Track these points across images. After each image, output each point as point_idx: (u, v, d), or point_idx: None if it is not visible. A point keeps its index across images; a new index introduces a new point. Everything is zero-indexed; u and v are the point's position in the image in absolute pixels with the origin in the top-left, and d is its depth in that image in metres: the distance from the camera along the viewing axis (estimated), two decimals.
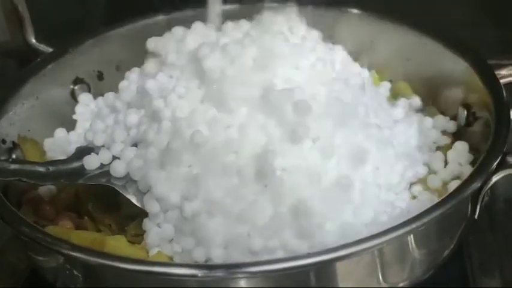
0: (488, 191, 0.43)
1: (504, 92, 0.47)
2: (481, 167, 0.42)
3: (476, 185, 0.41)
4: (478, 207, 0.43)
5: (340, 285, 0.40)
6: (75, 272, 0.40)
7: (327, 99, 0.46)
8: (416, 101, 0.55)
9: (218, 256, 0.41)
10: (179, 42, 0.51)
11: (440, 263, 0.45)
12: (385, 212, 0.43)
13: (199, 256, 0.42)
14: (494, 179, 0.42)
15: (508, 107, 0.46)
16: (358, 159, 0.44)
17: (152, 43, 0.53)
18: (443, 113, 0.54)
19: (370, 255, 0.40)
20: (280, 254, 0.40)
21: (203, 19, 0.59)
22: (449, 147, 0.51)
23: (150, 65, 0.53)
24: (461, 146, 0.50)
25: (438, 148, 0.52)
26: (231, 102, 0.45)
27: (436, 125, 0.53)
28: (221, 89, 0.45)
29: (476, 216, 0.44)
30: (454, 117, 0.53)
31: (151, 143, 0.45)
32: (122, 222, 0.48)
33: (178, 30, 0.53)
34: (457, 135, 0.52)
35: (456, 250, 0.46)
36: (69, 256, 0.39)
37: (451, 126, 0.53)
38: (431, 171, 0.49)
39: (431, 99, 0.56)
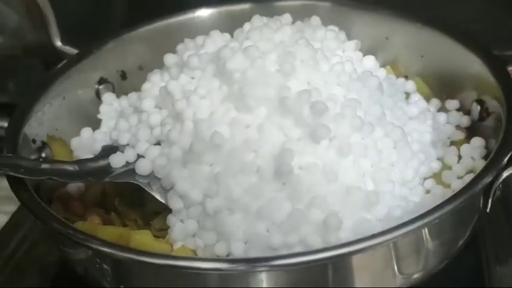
0: (500, 185, 0.45)
1: None
2: (492, 162, 0.43)
3: (487, 179, 0.43)
4: (490, 201, 0.45)
5: (357, 277, 0.42)
6: (104, 266, 0.42)
7: (344, 100, 0.47)
8: (435, 102, 0.56)
9: (238, 251, 0.43)
10: (199, 47, 0.53)
11: (454, 254, 0.46)
12: (399, 206, 0.45)
13: (220, 250, 0.43)
14: (506, 173, 0.44)
15: None
16: (373, 157, 0.46)
17: (169, 59, 0.55)
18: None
19: (385, 248, 0.41)
20: (298, 250, 0.42)
21: (225, 19, 0.61)
22: (462, 142, 0.52)
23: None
24: (478, 142, 0.51)
25: (452, 143, 0.53)
26: (251, 103, 0.46)
27: (450, 120, 0.54)
28: (242, 90, 0.47)
29: (488, 210, 0.45)
30: (467, 113, 0.55)
31: (175, 143, 0.47)
32: (147, 217, 0.50)
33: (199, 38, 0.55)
34: (470, 130, 0.54)
35: (470, 241, 0.47)
36: (98, 251, 0.41)
37: (465, 121, 0.54)
38: (445, 166, 0.50)
39: (445, 94, 0.57)
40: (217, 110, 0.47)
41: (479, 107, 0.53)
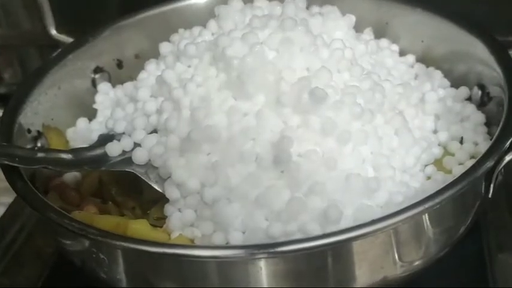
0: (502, 170, 0.44)
1: None
2: (493, 146, 0.43)
3: (489, 164, 0.42)
4: (492, 186, 0.44)
5: (356, 264, 0.41)
6: (101, 255, 0.41)
7: (344, 86, 0.47)
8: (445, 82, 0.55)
9: (237, 240, 0.42)
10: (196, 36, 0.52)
11: (456, 240, 0.46)
12: (400, 192, 0.44)
13: (218, 240, 0.43)
14: (508, 158, 0.43)
15: None
16: (373, 144, 0.45)
17: (164, 47, 0.54)
18: None
19: (385, 234, 0.41)
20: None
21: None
22: None
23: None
24: (479, 118, 0.51)
25: (462, 119, 0.52)
26: (249, 90, 0.46)
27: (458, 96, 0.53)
28: (240, 77, 0.46)
29: (490, 195, 0.44)
30: (468, 98, 0.54)
31: (172, 131, 0.47)
32: (145, 206, 0.50)
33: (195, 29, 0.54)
34: None
35: (471, 228, 0.47)
36: (94, 240, 0.40)
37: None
38: (446, 152, 0.50)
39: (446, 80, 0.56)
40: (214, 98, 0.47)
41: (480, 92, 0.53)
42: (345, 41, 0.51)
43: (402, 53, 0.59)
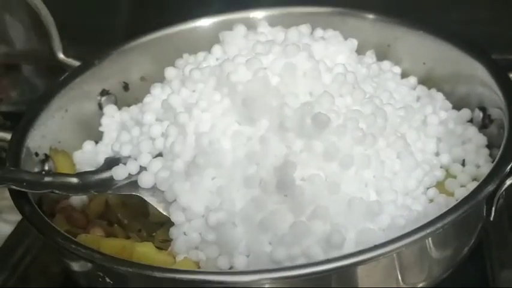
0: (503, 193, 0.45)
1: None
2: (494, 170, 0.44)
3: (490, 188, 0.43)
4: (493, 209, 0.45)
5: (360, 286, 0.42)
6: (107, 279, 0.42)
7: (346, 111, 0.47)
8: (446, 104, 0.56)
9: (241, 264, 0.43)
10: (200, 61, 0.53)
11: (458, 262, 0.47)
12: (402, 216, 0.45)
13: (223, 264, 0.43)
14: (509, 182, 0.43)
15: None
16: (376, 168, 0.46)
17: (169, 72, 0.55)
18: None
19: (387, 259, 0.41)
20: (301, 261, 0.42)
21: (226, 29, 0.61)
22: None
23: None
24: (480, 140, 0.52)
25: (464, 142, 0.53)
26: (253, 115, 0.46)
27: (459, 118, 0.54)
28: (244, 102, 0.47)
29: (491, 218, 0.45)
30: (470, 120, 0.55)
31: (177, 156, 0.47)
32: (150, 229, 0.50)
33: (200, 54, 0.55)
34: None
35: (474, 250, 0.47)
36: (100, 265, 0.41)
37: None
38: (448, 174, 0.50)
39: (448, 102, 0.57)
40: (219, 122, 0.47)
41: (481, 114, 0.53)
42: (347, 65, 0.51)
43: (404, 75, 0.60)
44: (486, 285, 0.52)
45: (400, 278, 0.43)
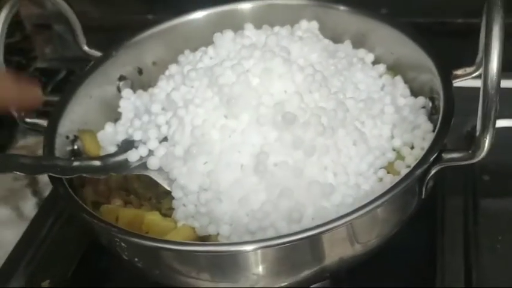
0: (433, 177, 0.56)
1: (453, 100, 0.57)
2: (421, 161, 0.54)
3: (418, 174, 0.53)
4: (424, 190, 0.56)
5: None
6: (122, 244, 0.55)
7: (314, 106, 0.58)
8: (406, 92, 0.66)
9: (225, 232, 0.55)
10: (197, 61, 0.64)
11: (403, 223, 0.57)
12: (351, 195, 0.56)
13: (211, 230, 0.56)
14: (433, 170, 0.54)
15: (451, 113, 0.56)
16: (334, 154, 0.57)
17: (172, 68, 0.67)
18: None
19: (340, 229, 0.53)
20: (270, 233, 0.54)
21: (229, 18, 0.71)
22: None
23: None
24: (428, 127, 0.62)
25: (414, 128, 0.63)
26: (236, 111, 0.58)
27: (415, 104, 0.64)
28: (229, 101, 0.58)
29: (423, 197, 0.56)
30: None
31: (178, 143, 0.59)
32: (160, 196, 0.63)
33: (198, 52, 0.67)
34: None
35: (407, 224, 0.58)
36: (116, 236, 0.54)
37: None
38: (399, 156, 0.61)
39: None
40: (210, 117, 0.59)
41: (431, 104, 0.63)
42: (318, 64, 0.62)
43: (376, 62, 0.70)
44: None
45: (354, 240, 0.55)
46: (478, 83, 0.52)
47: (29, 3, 0.99)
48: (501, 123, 0.66)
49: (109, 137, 0.67)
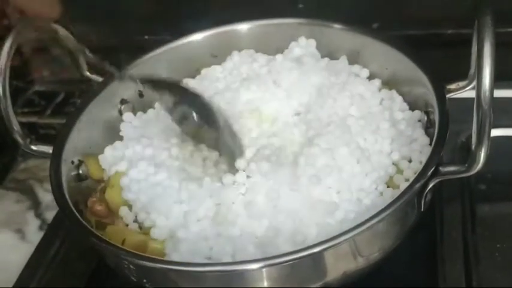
0: (431, 190, 0.57)
1: (448, 115, 0.59)
2: (419, 175, 0.55)
3: (417, 188, 0.55)
4: (423, 203, 0.57)
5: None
6: (131, 266, 0.56)
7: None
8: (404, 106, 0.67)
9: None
10: None
11: (404, 235, 0.59)
12: (353, 211, 0.57)
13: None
14: (431, 184, 0.56)
15: (446, 128, 0.58)
16: (337, 175, 0.59)
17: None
18: None
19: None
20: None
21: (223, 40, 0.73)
22: None
23: None
24: (425, 140, 0.63)
25: (411, 141, 0.64)
26: None
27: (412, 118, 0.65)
28: None
29: (422, 209, 0.58)
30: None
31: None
32: None
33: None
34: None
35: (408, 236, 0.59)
36: (124, 259, 0.55)
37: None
38: (398, 170, 0.62)
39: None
40: None
41: (426, 117, 0.64)
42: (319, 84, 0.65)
43: (371, 77, 0.71)
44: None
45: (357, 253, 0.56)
46: (471, 94, 0.53)
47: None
48: (496, 132, 0.69)
49: (109, 160, 0.68)
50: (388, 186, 0.61)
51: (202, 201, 0.59)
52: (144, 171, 0.63)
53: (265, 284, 0.54)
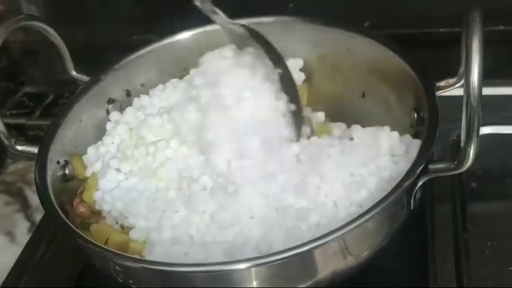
0: (421, 188, 0.57)
1: (438, 112, 0.58)
2: (408, 173, 0.54)
3: (406, 186, 0.54)
4: (412, 201, 0.57)
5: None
6: (117, 267, 0.55)
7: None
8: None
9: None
10: None
11: (394, 234, 0.58)
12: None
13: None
14: (420, 182, 0.55)
15: (436, 125, 0.57)
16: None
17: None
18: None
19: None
20: None
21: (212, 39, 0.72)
22: None
23: None
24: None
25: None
26: None
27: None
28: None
29: (412, 207, 0.57)
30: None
31: None
32: None
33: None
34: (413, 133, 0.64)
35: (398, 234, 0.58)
36: (111, 260, 0.54)
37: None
38: None
39: (394, 100, 0.68)
40: None
41: (415, 115, 0.63)
42: None
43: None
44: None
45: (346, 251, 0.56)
46: (462, 92, 0.53)
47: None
48: (486, 130, 0.69)
49: (92, 160, 0.68)
50: None
51: (177, 208, 0.59)
52: (114, 179, 0.63)
53: (254, 284, 0.53)
